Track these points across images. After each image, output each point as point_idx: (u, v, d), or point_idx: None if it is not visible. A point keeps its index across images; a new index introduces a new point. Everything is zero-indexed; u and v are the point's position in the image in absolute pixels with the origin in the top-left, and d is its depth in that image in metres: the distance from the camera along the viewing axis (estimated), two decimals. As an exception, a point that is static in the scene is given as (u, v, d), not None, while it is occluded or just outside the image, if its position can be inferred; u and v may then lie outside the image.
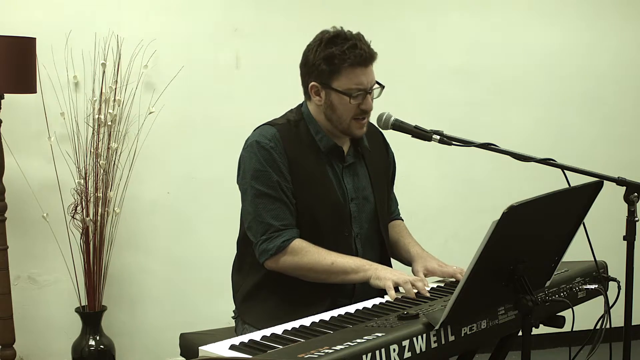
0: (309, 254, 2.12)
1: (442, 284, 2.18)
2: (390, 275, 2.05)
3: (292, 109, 2.31)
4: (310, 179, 2.19)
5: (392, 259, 2.40)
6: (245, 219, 2.22)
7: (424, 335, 1.63)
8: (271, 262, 2.15)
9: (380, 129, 2.30)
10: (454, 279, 2.21)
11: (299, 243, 2.13)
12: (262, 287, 2.24)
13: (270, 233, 2.14)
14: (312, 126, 2.24)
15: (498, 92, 4.05)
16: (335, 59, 2.12)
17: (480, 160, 3.82)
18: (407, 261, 2.36)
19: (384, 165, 2.41)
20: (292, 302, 2.15)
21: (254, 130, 2.25)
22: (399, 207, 2.55)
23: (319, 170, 2.21)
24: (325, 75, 2.15)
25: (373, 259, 2.28)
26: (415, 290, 2.02)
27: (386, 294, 2.04)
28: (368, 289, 2.14)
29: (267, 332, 1.73)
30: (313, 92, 2.21)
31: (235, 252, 2.37)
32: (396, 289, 2.04)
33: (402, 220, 2.54)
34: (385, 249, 2.35)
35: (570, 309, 2.02)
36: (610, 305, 2.06)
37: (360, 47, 2.13)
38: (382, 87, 2.20)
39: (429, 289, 2.07)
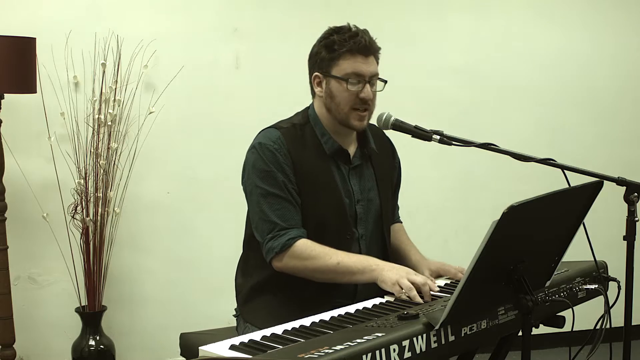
0: (314, 255, 2.11)
1: (443, 284, 2.18)
2: (397, 277, 2.02)
3: (298, 112, 2.31)
4: (315, 180, 2.19)
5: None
6: (252, 219, 2.22)
7: (424, 335, 1.63)
8: (277, 261, 2.14)
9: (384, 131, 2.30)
10: (455, 279, 2.21)
11: (304, 243, 2.12)
12: (264, 287, 2.24)
13: (276, 231, 2.13)
14: (317, 129, 2.24)
15: (498, 92, 4.05)
16: (335, 44, 2.16)
17: (480, 161, 3.82)
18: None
19: (389, 169, 2.41)
20: (294, 302, 2.14)
21: (259, 132, 2.25)
22: (399, 210, 2.55)
23: (324, 172, 2.21)
24: (326, 63, 2.18)
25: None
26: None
27: (388, 293, 2.04)
28: (371, 291, 2.14)
29: (267, 332, 1.73)
30: (316, 83, 2.23)
31: (240, 253, 2.37)
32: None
33: (401, 222, 2.54)
34: (388, 250, 2.35)
35: (570, 309, 2.02)
36: (610, 305, 2.06)
37: (361, 37, 2.16)
38: (384, 81, 2.21)
39: (437, 290, 2.05)
